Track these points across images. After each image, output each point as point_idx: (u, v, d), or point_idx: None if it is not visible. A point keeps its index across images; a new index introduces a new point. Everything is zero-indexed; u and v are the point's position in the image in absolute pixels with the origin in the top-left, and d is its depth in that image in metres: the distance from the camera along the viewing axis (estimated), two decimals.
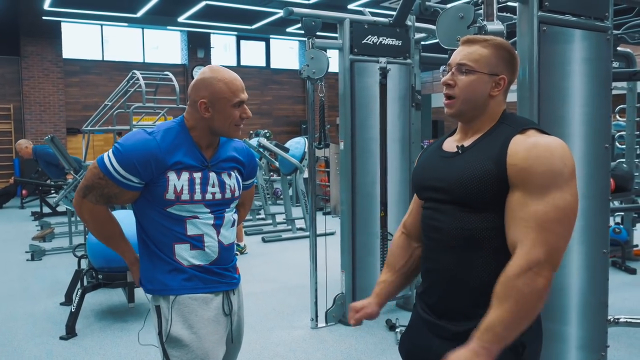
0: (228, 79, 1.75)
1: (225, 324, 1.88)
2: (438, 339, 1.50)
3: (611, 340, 3.02)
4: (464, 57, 1.48)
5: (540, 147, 1.36)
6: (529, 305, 1.32)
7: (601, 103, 2.75)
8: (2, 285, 5.40)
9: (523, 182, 1.35)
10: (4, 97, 13.73)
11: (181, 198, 1.73)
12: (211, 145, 1.84)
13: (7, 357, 3.69)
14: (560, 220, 1.32)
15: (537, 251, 1.30)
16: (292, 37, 17.19)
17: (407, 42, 4.34)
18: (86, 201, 1.74)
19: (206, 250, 1.78)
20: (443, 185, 1.48)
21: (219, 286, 1.84)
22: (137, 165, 1.68)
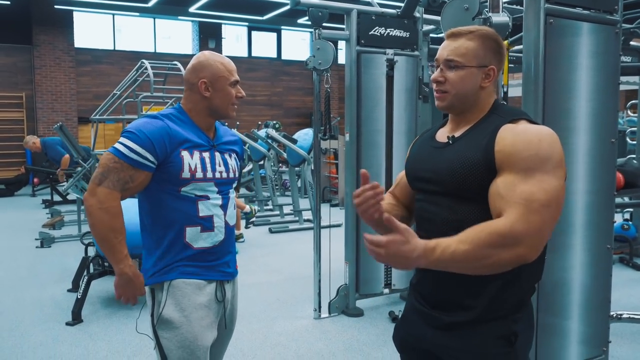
0: (225, 60, 1.87)
1: (217, 311, 1.90)
2: (432, 329, 1.51)
3: (614, 336, 3.01)
4: (450, 52, 1.47)
5: (529, 133, 1.36)
6: (478, 267, 1.30)
7: (608, 97, 2.72)
8: (11, 272, 5.47)
9: (509, 165, 1.34)
10: (17, 85, 13.83)
11: (196, 176, 1.79)
12: (211, 128, 1.91)
13: (14, 341, 3.74)
14: (547, 204, 1.29)
15: (519, 226, 1.27)
16: (303, 29, 17.15)
17: (415, 34, 4.32)
18: (102, 188, 1.70)
19: (215, 231, 1.84)
20: (433, 176, 1.49)
21: (214, 275, 1.88)
22: (153, 140, 1.72)
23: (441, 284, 1.47)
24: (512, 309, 1.43)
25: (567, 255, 2.66)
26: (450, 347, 1.47)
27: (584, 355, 2.74)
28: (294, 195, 8.33)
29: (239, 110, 12.16)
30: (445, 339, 1.48)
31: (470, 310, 1.43)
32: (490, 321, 1.42)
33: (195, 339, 1.79)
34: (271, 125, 9.46)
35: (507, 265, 1.30)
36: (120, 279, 1.79)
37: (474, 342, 1.43)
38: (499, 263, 1.29)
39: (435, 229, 1.47)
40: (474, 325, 1.43)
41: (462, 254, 1.27)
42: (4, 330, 3.94)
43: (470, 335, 1.43)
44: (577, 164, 2.63)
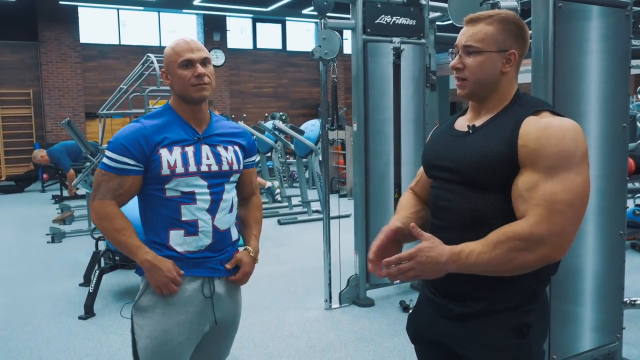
0: (177, 42, 1.79)
1: (202, 307, 1.83)
2: (442, 319, 1.50)
3: (627, 322, 2.99)
4: (469, 38, 1.44)
5: (552, 128, 1.33)
6: (506, 270, 1.32)
7: (619, 81, 2.69)
8: (23, 267, 5.51)
9: (533, 162, 1.32)
10: (24, 82, 13.88)
11: (176, 172, 1.75)
12: (200, 118, 1.85)
13: (27, 335, 3.77)
14: (570, 203, 1.28)
15: (541, 228, 1.27)
16: (308, 19, 17.07)
17: (421, 22, 4.28)
18: (96, 202, 1.77)
19: (200, 235, 1.79)
20: (452, 164, 1.46)
21: (201, 272, 1.82)
22: (127, 145, 1.73)
23: (452, 273, 1.44)
24: (524, 300, 1.41)
25: (580, 242, 2.64)
26: (461, 338, 1.47)
27: (597, 343, 2.73)
28: (302, 187, 8.32)
29: (245, 103, 12.12)
30: (455, 330, 1.47)
31: (481, 301, 1.42)
32: (501, 312, 1.41)
33: (165, 332, 1.77)
34: (278, 116, 9.43)
35: (534, 266, 1.30)
36: (145, 270, 1.77)
37: (484, 333, 1.42)
38: (525, 265, 1.29)
39: (451, 217, 1.46)
40: (484, 316, 1.42)
41: (486, 258, 1.29)
42: (17, 324, 3.97)
43: (481, 326, 1.42)
44: (589, 149, 2.56)
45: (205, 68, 1.78)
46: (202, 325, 1.84)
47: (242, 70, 16.73)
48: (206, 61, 1.79)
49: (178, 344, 1.79)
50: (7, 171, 13.44)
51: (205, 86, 1.78)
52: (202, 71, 1.76)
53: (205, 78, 1.77)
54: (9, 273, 5.33)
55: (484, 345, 1.42)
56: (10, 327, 3.92)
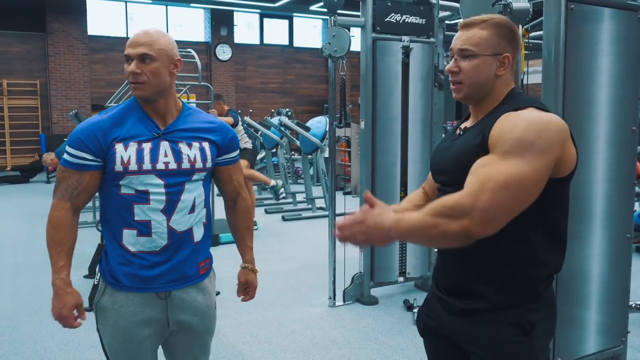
0: (133, 35, 1.71)
1: (160, 307, 1.77)
2: (448, 315, 1.53)
3: (632, 326, 2.99)
4: (464, 42, 1.47)
5: (519, 117, 1.36)
6: (432, 236, 1.31)
7: (629, 84, 2.68)
8: (28, 258, 5.55)
9: (493, 146, 1.35)
10: (31, 73, 13.91)
11: (129, 169, 1.68)
12: (162, 113, 1.75)
13: (32, 326, 3.79)
14: (504, 186, 1.27)
15: (467, 200, 1.27)
16: (315, 16, 17.05)
17: (430, 21, 4.27)
18: (54, 199, 1.72)
19: (153, 237, 1.71)
20: (444, 167, 1.53)
21: (153, 287, 1.75)
22: (84, 139, 1.67)
23: (456, 270, 1.50)
24: (527, 298, 1.43)
25: (586, 245, 2.63)
26: (466, 334, 1.50)
27: (602, 346, 2.73)
28: (306, 183, 8.33)
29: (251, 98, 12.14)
30: (460, 325, 1.50)
31: (483, 297, 1.44)
32: (504, 309, 1.42)
33: (124, 331, 1.75)
34: (284, 113, 9.44)
35: (455, 236, 1.28)
36: (53, 292, 1.72)
37: (488, 329, 1.44)
38: (447, 233, 1.28)
39: None
40: (487, 312, 1.44)
41: (417, 222, 1.30)
42: (22, 315, 4.00)
43: (484, 322, 1.45)
44: (597, 152, 2.60)
45: (144, 65, 1.66)
46: (162, 325, 1.80)
47: (248, 65, 16.73)
48: (146, 57, 1.66)
49: (139, 343, 1.77)
50: (13, 161, 13.49)
51: (139, 85, 1.67)
52: (133, 69, 1.66)
53: (140, 77, 1.66)
54: (14, 263, 5.36)
55: (488, 340, 1.45)
56: (16, 318, 3.95)
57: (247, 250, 1.97)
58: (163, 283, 1.75)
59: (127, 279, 1.73)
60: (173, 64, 1.73)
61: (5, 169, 13.08)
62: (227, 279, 4.81)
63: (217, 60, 15.89)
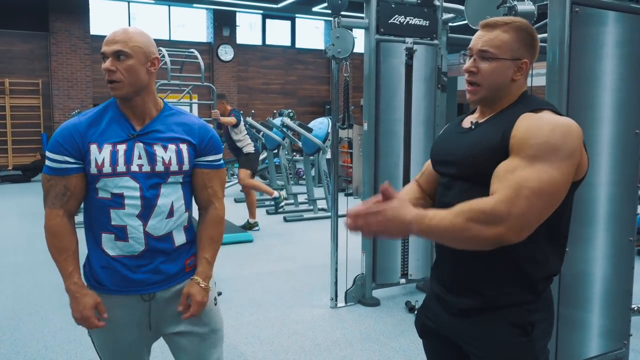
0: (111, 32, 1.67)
1: (143, 310, 1.77)
2: (448, 315, 1.53)
3: (634, 329, 2.99)
4: (485, 43, 1.45)
5: (544, 120, 1.36)
6: (462, 239, 1.31)
7: (634, 88, 2.68)
8: (29, 257, 5.55)
9: (518, 149, 1.34)
10: (33, 72, 13.92)
11: (103, 171, 1.66)
12: (140, 113, 1.72)
13: (33, 325, 3.79)
14: (538, 192, 1.28)
15: (503, 206, 1.27)
16: (318, 17, 17.05)
17: (434, 23, 4.27)
18: (46, 210, 1.71)
19: (130, 242, 1.69)
20: (452, 159, 1.50)
21: (133, 290, 1.73)
22: (62, 142, 1.66)
23: (456, 267, 1.49)
24: (526, 298, 1.43)
25: (589, 247, 2.63)
26: (465, 334, 1.49)
27: (604, 349, 2.73)
28: (308, 184, 8.33)
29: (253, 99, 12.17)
30: (460, 325, 1.50)
31: (482, 295, 1.44)
32: (504, 308, 1.43)
33: (113, 332, 1.76)
34: (285, 113, 9.44)
35: (488, 242, 1.29)
36: (69, 298, 1.72)
37: (488, 328, 1.44)
38: (480, 238, 1.29)
39: None
40: (487, 311, 1.44)
41: (446, 223, 1.29)
42: (23, 314, 4.00)
43: (484, 322, 1.45)
44: (601, 155, 2.60)
45: (119, 62, 1.62)
46: (143, 326, 1.79)
47: (250, 66, 16.74)
48: (121, 54, 1.62)
49: (129, 344, 1.78)
50: (14, 161, 13.49)
51: (114, 85, 1.64)
52: (107, 65, 1.62)
53: (114, 74, 1.62)
54: (16, 262, 5.36)
55: (488, 341, 1.44)
56: (17, 317, 3.95)
57: (202, 262, 1.81)
58: (146, 285, 1.73)
59: (111, 283, 1.72)
60: (150, 62, 1.69)
61: (6, 168, 13.09)
62: (228, 280, 4.84)
63: (219, 61, 15.91)
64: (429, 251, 4.43)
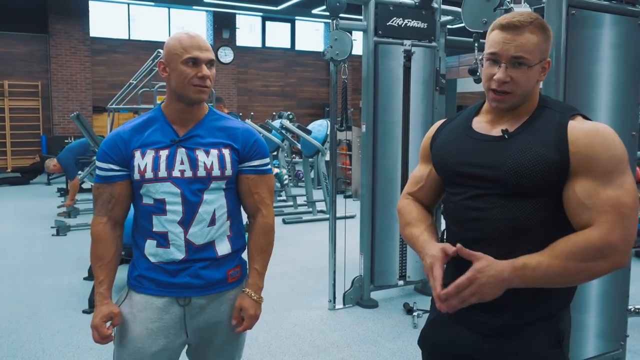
0: (183, 37, 1.66)
1: (179, 314, 1.72)
2: (471, 332, 1.43)
3: (631, 330, 2.99)
4: (518, 49, 1.32)
5: (601, 133, 1.31)
6: (579, 280, 1.30)
7: (629, 90, 2.69)
8: (28, 259, 5.53)
9: (589, 169, 1.28)
10: (32, 74, 13.93)
11: (145, 177, 1.66)
12: (188, 119, 1.72)
13: (32, 328, 3.79)
14: (634, 206, 1.27)
15: (615, 235, 1.24)
16: (317, 19, 17.08)
17: (432, 25, 4.28)
18: (93, 217, 1.75)
19: (171, 249, 1.68)
20: (490, 173, 1.37)
21: (172, 292, 1.70)
22: (108, 151, 1.70)
23: None
24: (560, 307, 1.39)
25: None
26: (499, 352, 1.40)
27: (601, 350, 2.73)
28: (307, 187, 8.33)
29: (253, 101, 12.17)
30: (491, 344, 1.40)
31: (519, 311, 1.36)
32: (538, 321, 1.37)
33: (136, 340, 1.70)
34: (285, 116, 9.45)
35: (604, 274, 1.28)
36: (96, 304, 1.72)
37: (524, 344, 1.38)
38: (599, 274, 1.28)
39: (487, 228, 1.37)
40: (524, 326, 1.37)
41: (558, 270, 1.25)
42: (21, 317, 4.00)
43: (520, 338, 1.38)
44: None
45: (209, 70, 1.67)
46: (179, 336, 1.73)
47: (250, 68, 16.75)
48: (211, 63, 1.68)
49: (151, 355, 1.70)
50: (13, 163, 13.50)
51: (205, 89, 1.66)
52: (207, 73, 1.65)
53: (207, 81, 1.66)
54: (14, 265, 5.36)
55: (523, 356, 1.38)
56: (15, 320, 3.95)
57: (252, 273, 1.79)
58: (184, 288, 1.70)
59: (149, 282, 1.71)
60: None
61: (5, 170, 13.10)
62: None
63: (219, 63, 15.92)
64: None
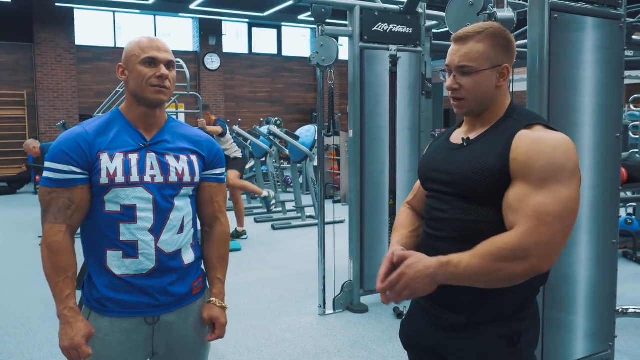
0: (142, 39, 1.64)
1: (146, 334, 1.67)
2: (434, 327, 1.51)
3: (619, 330, 3.01)
4: (462, 58, 1.42)
5: (543, 141, 1.33)
6: (494, 280, 1.31)
7: (613, 92, 2.72)
8: (15, 269, 5.48)
9: (523, 175, 1.32)
10: (18, 83, 13.83)
11: (115, 181, 1.58)
12: (152, 124, 1.67)
13: (20, 338, 3.75)
14: (559, 215, 1.28)
15: (529, 239, 1.27)
16: (304, 25, 17.11)
17: (417, 30, 4.31)
18: (46, 225, 1.58)
19: (140, 258, 1.60)
20: (446, 177, 1.47)
21: (139, 312, 1.64)
22: (69, 152, 1.57)
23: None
24: (515, 309, 1.42)
25: (573, 250, 2.66)
26: (452, 346, 1.48)
27: (590, 350, 2.75)
28: (296, 192, 8.33)
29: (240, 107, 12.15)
30: (447, 338, 1.48)
31: (472, 310, 1.42)
32: (493, 322, 1.41)
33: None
34: (273, 121, 9.44)
35: (521, 277, 1.30)
36: (60, 324, 1.59)
37: (475, 341, 1.43)
38: (513, 276, 1.29)
39: (445, 227, 1.46)
40: (475, 325, 1.43)
41: (475, 267, 1.28)
42: (9, 327, 3.95)
43: (472, 335, 1.43)
44: (582, 159, 2.63)
45: (168, 71, 1.63)
46: (148, 350, 1.69)
47: (237, 74, 16.74)
48: (171, 64, 1.64)
49: None
50: (0, 172, 13.37)
51: (164, 90, 1.62)
52: (165, 72, 1.61)
53: (166, 82, 1.62)
54: (1, 275, 5.29)
55: (475, 353, 1.43)
56: (3, 330, 3.91)
57: (216, 282, 1.78)
58: (152, 307, 1.64)
59: (114, 304, 1.62)
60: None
61: None
62: None
63: (206, 70, 15.90)
64: None
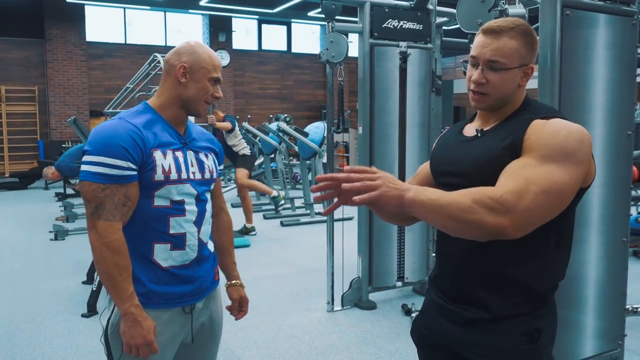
0: (212, 54, 1.71)
1: (183, 323, 1.73)
2: (451, 324, 1.47)
3: (629, 329, 2.99)
4: (494, 53, 1.38)
5: (559, 125, 1.32)
6: (459, 220, 1.24)
7: (625, 89, 2.69)
8: (26, 264, 5.53)
9: (531, 149, 1.30)
10: (29, 79, 13.94)
11: (170, 178, 1.62)
12: (182, 123, 1.73)
13: (31, 332, 3.79)
14: (546, 191, 1.25)
15: (511, 197, 1.23)
16: (313, 21, 17.11)
17: (428, 26, 4.29)
18: (101, 222, 1.53)
19: (186, 250, 1.68)
20: (459, 169, 1.44)
21: (180, 302, 1.70)
22: (127, 147, 1.54)
23: (460, 277, 1.45)
24: (534, 306, 1.40)
25: (583, 249, 2.64)
26: (470, 343, 1.44)
27: (599, 349, 2.73)
28: (305, 189, 8.34)
29: (250, 104, 12.22)
30: (466, 335, 1.45)
31: (491, 306, 1.39)
32: (512, 317, 1.39)
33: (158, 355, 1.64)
34: (282, 118, 9.45)
35: (487, 230, 1.23)
36: (125, 322, 1.57)
37: (495, 338, 1.40)
38: (480, 224, 1.23)
39: None
40: (495, 321, 1.40)
41: (448, 199, 1.24)
42: (20, 321, 3.99)
43: (491, 331, 1.40)
44: (594, 156, 2.59)
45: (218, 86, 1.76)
46: (178, 341, 1.75)
47: (246, 71, 16.77)
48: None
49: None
50: (11, 168, 13.49)
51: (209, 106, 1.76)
52: (221, 94, 1.74)
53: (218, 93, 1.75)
54: (12, 270, 5.35)
55: (495, 350, 1.41)
56: (14, 324, 3.94)
57: (233, 266, 1.97)
58: (191, 296, 1.73)
59: (158, 297, 1.65)
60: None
61: (3, 175, 13.09)
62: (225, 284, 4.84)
63: None
64: (425, 254, 4.44)
